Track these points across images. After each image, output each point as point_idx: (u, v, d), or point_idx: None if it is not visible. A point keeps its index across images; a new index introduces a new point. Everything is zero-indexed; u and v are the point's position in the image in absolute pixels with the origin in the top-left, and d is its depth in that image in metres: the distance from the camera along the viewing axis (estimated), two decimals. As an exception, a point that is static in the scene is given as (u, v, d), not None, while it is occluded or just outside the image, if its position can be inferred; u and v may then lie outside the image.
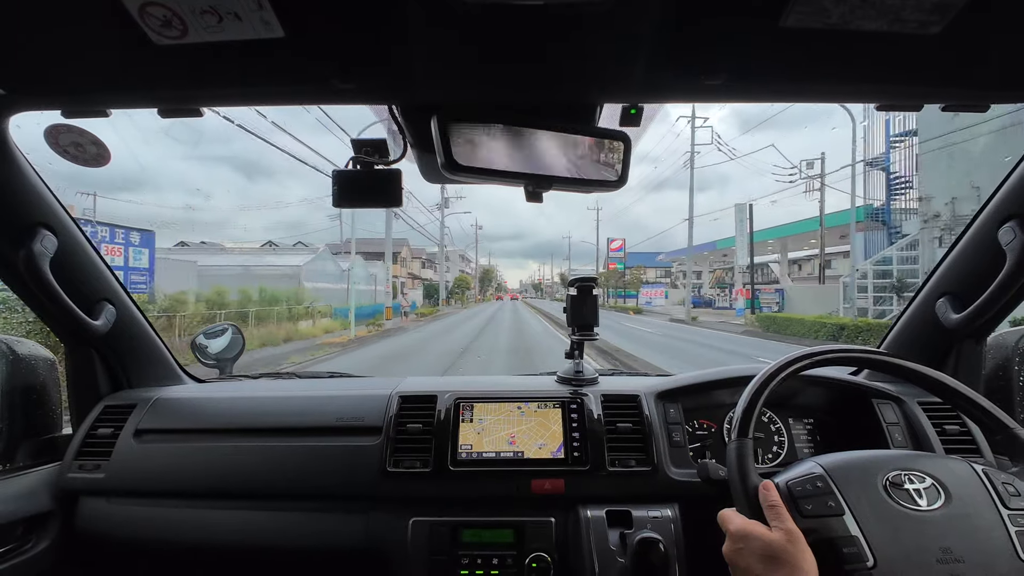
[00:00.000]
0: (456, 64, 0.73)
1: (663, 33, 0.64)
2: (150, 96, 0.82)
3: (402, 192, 0.91)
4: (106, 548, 1.13)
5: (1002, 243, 0.99)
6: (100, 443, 1.16)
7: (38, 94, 0.83)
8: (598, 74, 0.75)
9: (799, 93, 0.84)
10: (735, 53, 0.69)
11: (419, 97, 0.81)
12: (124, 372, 1.31)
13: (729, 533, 0.70)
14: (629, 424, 1.12)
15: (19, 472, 1.10)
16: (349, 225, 22.07)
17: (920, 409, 1.11)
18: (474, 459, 1.08)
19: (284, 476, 1.10)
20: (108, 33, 0.65)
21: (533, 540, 1.02)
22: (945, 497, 0.69)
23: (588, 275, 1.26)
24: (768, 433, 1.18)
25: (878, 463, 0.74)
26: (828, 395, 1.20)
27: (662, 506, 1.02)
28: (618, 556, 0.95)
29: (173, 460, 1.13)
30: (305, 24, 0.62)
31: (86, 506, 1.12)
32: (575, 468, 1.06)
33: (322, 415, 1.17)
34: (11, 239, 1.00)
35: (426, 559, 1.01)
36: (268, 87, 0.81)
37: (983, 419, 0.77)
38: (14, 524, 1.02)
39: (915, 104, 0.85)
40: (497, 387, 1.21)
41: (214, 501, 1.10)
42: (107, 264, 1.21)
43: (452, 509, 1.05)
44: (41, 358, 1.20)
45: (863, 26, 0.61)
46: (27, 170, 0.99)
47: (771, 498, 0.70)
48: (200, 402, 1.25)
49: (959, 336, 1.15)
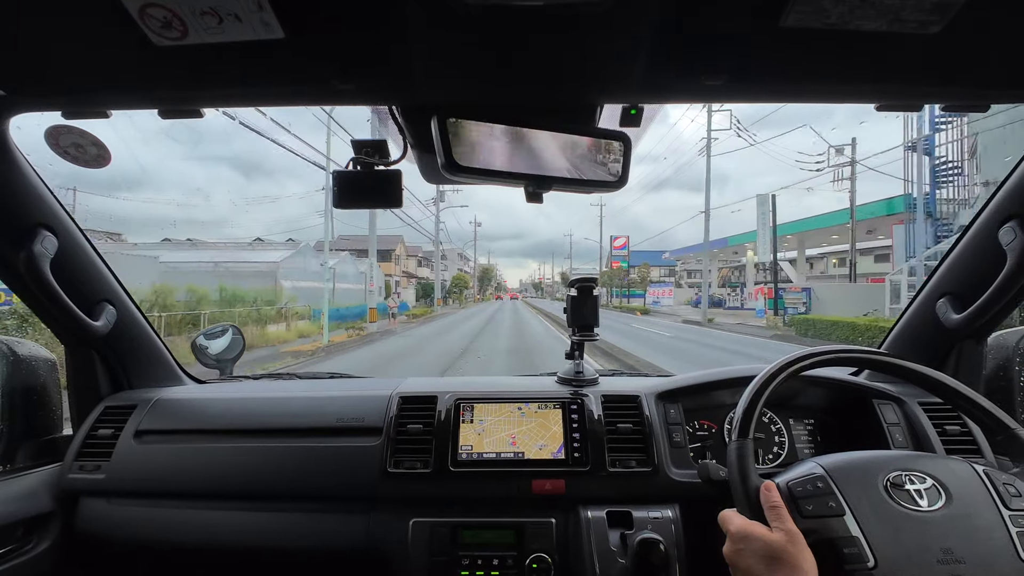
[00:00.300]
0: (456, 65, 0.73)
1: (663, 33, 0.64)
2: (150, 97, 0.82)
3: (402, 193, 0.91)
4: (107, 549, 1.13)
5: (1003, 243, 0.98)
6: (100, 444, 1.16)
7: (38, 95, 0.83)
8: (598, 74, 0.75)
9: (799, 93, 0.84)
10: (735, 53, 0.69)
11: (419, 98, 0.81)
12: (124, 373, 1.31)
13: (730, 534, 0.71)
14: (630, 425, 1.12)
15: (20, 473, 1.10)
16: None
17: (921, 410, 1.11)
18: (474, 460, 1.08)
19: (284, 477, 1.10)
20: (108, 34, 0.65)
21: (533, 541, 1.02)
22: (946, 498, 0.69)
23: (588, 275, 1.26)
24: (769, 434, 1.17)
25: (879, 463, 0.74)
26: (829, 395, 1.20)
27: (663, 507, 1.02)
28: (619, 557, 0.95)
29: (174, 461, 1.13)
30: (305, 25, 0.62)
31: (87, 507, 1.12)
32: (576, 469, 1.06)
33: (322, 416, 1.17)
34: (11, 240, 1.00)
35: (426, 560, 1.01)
36: (268, 88, 0.81)
37: (983, 419, 0.77)
38: (15, 525, 1.02)
39: (915, 104, 0.85)
40: (497, 388, 1.21)
41: (215, 502, 1.10)
42: (107, 265, 1.21)
43: (452, 510, 1.05)
44: (41, 359, 1.20)
45: (863, 26, 0.61)
46: (27, 171, 0.99)
47: (772, 499, 0.70)
48: (200, 403, 1.25)
49: (960, 336, 1.15)
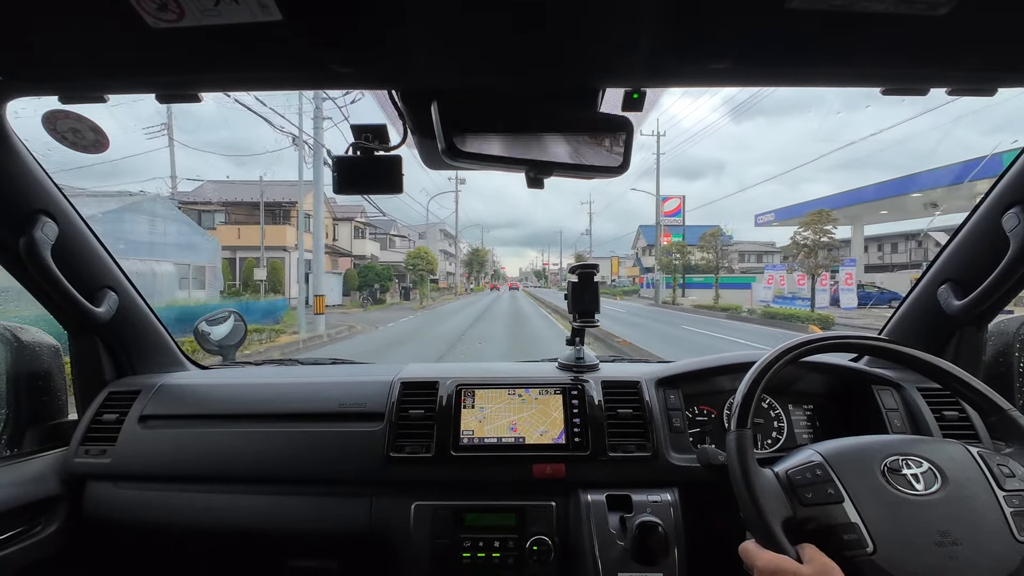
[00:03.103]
0: (456, 48, 0.72)
1: (667, 15, 0.63)
2: (147, 81, 0.81)
3: (402, 178, 0.91)
4: (113, 532, 1.15)
5: (1006, 229, 0.98)
6: (105, 429, 1.17)
7: (35, 80, 0.82)
8: (600, 58, 0.74)
9: (804, 77, 0.82)
10: (740, 36, 0.68)
11: (419, 82, 0.80)
12: (128, 359, 1.32)
13: (757, 570, 0.65)
14: (630, 410, 1.12)
15: (27, 457, 1.11)
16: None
17: (920, 395, 1.11)
18: (476, 444, 1.09)
19: (288, 461, 1.11)
20: (104, 17, 0.64)
21: (534, 524, 1.03)
22: (942, 481, 0.69)
23: (589, 262, 1.26)
24: (768, 419, 1.18)
25: (876, 449, 0.74)
26: (828, 381, 1.21)
27: (662, 491, 1.03)
28: (618, 539, 0.96)
29: (178, 445, 1.14)
30: (303, 6, 0.61)
31: (93, 490, 1.13)
32: (576, 453, 1.07)
33: (325, 401, 1.18)
34: (11, 227, 1.00)
35: (429, 543, 1.02)
36: (267, 71, 0.80)
37: (977, 401, 0.78)
38: (23, 508, 1.04)
39: (921, 88, 0.84)
40: (498, 374, 1.22)
41: (219, 486, 1.12)
42: (108, 251, 1.21)
43: (454, 494, 1.07)
44: (45, 345, 1.21)
45: (870, 7, 0.59)
46: (26, 157, 0.98)
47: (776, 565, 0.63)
48: (204, 388, 1.26)
49: (960, 323, 1.15)
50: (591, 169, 0.84)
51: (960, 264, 1.13)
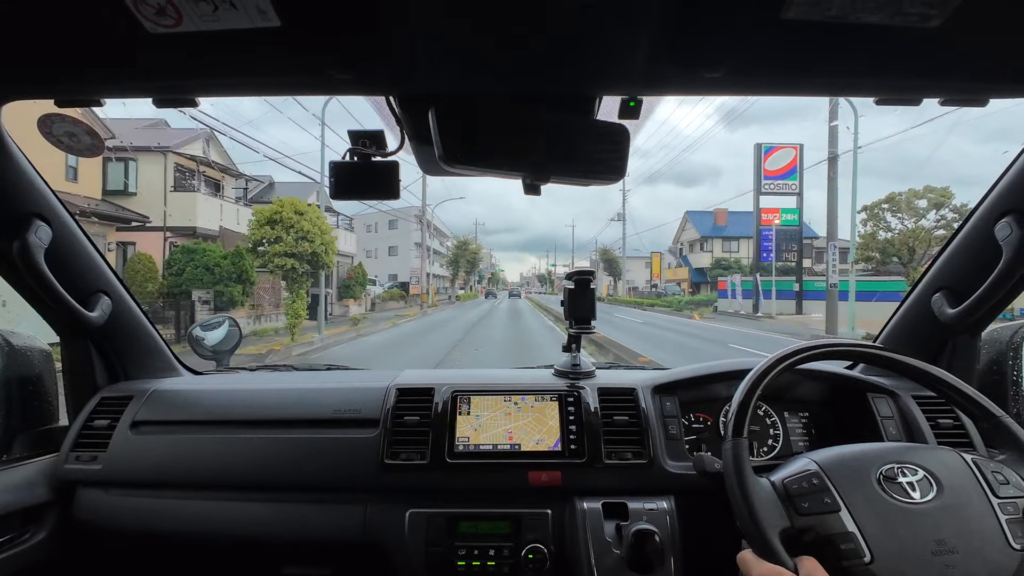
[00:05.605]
0: (454, 54, 0.72)
1: (664, 24, 0.63)
2: (144, 85, 0.81)
3: (399, 184, 0.91)
4: (104, 539, 1.13)
5: (998, 238, 0.99)
6: (97, 435, 1.16)
7: (30, 83, 0.81)
8: (597, 65, 0.75)
9: (799, 87, 0.83)
10: (735, 45, 0.69)
11: (417, 88, 0.80)
12: (120, 364, 1.31)
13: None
14: (626, 417, 1.12)
15: (16, 463, 1.10)
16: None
17: (915, 403, 1.12)
18: (471, 451, 1.08)
19: (281, 468, 1.10)
20: (101, 21, 0.64)
21: (530, 532, 1.02)
22: (937, 489, 0.69)
23: (585, 268, 1.26)
24: (763, 426, 1.18)
25: (871, 457, 0.75)
26: (823, 389, 1.21)
27: (658, 498, 1.02)
28: (614, 547, 0.96)
29: (170, 452, 1.13)
30: (302, 13, 0.61)
31: (84, 497, 1.12)
32: (572, 461, 1.07)
33: (319, 407, 1.17)
34: (5, 230, 0.99)
35: (423, 550, 1.02)
36: (265, 77, 0.80)
37: (970, 408, 0.78)
38: (12, 515, 1.02)
39: (914, 98, 0.85)
40: (494, 380, 1.21)
41: (212, 492, 1.11)
42: (103, 256, 1.20)
43: (449, 501, 1.06)
44: (37, 350, 1.20)
45: (864, 19, 0.60)
46: (20, 160, 0.98)
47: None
48: (197, 394, 1.25)
49: (954, 331, 1.15)
50: (587, 176, 0.84)
51: (954, 273, 1.13)
